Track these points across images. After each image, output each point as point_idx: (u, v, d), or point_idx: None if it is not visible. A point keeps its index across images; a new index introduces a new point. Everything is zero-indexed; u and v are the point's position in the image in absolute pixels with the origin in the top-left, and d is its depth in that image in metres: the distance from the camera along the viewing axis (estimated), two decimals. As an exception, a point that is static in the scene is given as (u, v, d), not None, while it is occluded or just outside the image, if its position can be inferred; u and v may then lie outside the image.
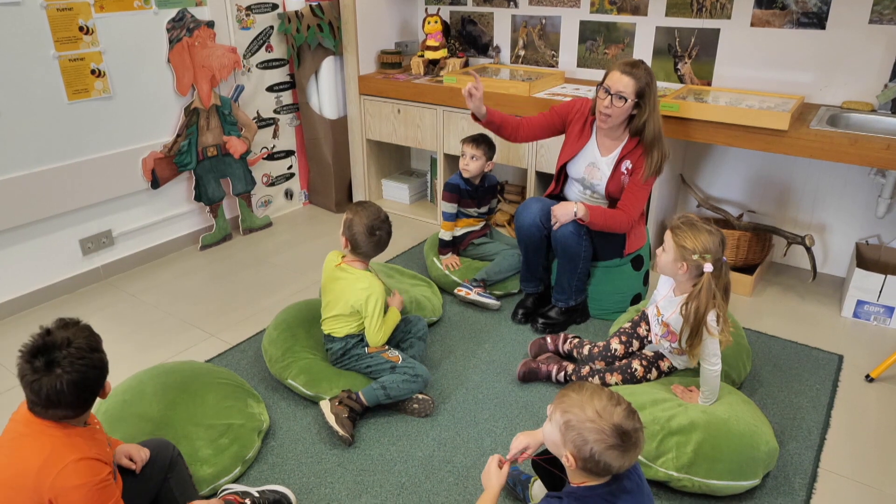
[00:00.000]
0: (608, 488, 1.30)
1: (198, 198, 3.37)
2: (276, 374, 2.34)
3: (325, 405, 2.13)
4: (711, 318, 1.92)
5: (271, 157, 3.77)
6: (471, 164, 2.85)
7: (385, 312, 2.27)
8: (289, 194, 3.96)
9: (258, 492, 1.80)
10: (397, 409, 2.21)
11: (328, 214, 3.95)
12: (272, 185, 3.82)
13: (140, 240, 3.24)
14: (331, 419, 2.08)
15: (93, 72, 2.84)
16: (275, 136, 3.75)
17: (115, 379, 2.21)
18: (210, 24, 3.20)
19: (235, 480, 1.93)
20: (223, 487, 1.84)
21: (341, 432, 2.04)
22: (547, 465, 1.60)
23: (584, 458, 1.27)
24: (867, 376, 2.37)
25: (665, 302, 2.10)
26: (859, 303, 2.72)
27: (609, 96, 2.40)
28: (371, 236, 2.17)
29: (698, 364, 2.15)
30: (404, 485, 1.92)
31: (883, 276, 2.63)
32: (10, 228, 2.73)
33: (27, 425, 1.42)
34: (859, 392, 2.31)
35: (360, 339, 2.27)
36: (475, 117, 2.59)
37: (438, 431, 2.13)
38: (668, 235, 2.01)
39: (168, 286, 3.08)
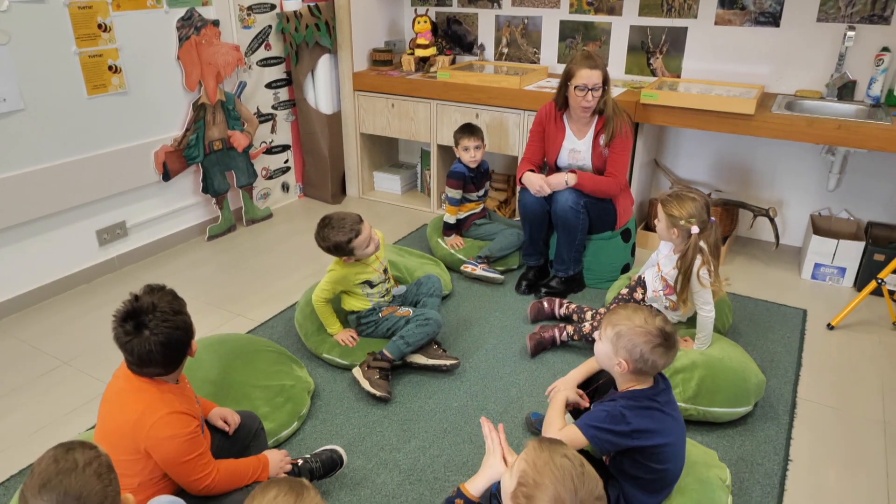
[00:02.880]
0: (652, 390, 1.57)
1: (205, 190, 3.51)
2: (311, 348, 2.53)
3: (357, 373, 2.34)
4: (704, 272, 2.24)
5: (269, 151, 3.93)
6: (477, 155, 3.11)
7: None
8: (285, 187, 4.12)
9: (311, 454, 1.90)
10: (431, 373, 2.42)
11: (323, 206, 4.13)
12: (270, 178, 3.98)
13: (152, 231, 3.36)
14: (365, 385, 2.28)
15: (110, 68, 2.97)
16: (273, 130, 3.91)
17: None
18: (216, 23, 3.35)
19: (293, 435, 2.13)
20: None
21: (379, 393, 2.25)
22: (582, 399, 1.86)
23: (636, 359, 1.53)
24: (828, 325, 2.74)
25: (665, 260, 2.41)
26: (816, 265, 3.11)
27: (588, 92, 2.71)
28: None
29: (687, 319, 2.48)
30: (447, 429, 2.15)
31: (836, 241, 3.01)
32: (33, 220, 2.83)
33: (127, 381, 1.58)
34: (823, 338, 2.67)
35: (371, 309, 2.48)
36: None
37: (468, 385, 2.37)
38: (658, 207, 2.33)
39: (185, 273, 3.21)
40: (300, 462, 1.83)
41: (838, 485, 1.94)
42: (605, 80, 2.74)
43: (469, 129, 3.12)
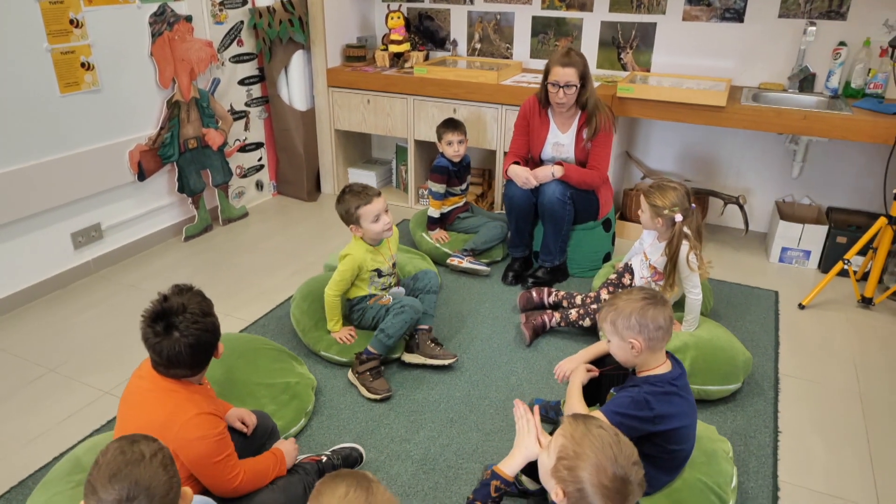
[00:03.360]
0: (671, 374, 1.64)
1: (181, 189, 3.43)
2: (308, 344, 2.52)
3: (351, 378, 2.35)
4: (692, 257, 2.35)
5: (243, 149, 3.87)
6: (460, 149, 3.16)
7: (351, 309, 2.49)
8: (259, 185, 4.06)
9: (331, 451, 1.94)
10: (433, 369, 2.44)
11: (299, 203, 4.09)
12: (244, 176, 3.92)
13: (127, 232, 3.27)
14: (363, 391, 2.29)
15: (83, 65, 2.87)
16: (246, 128, 3.85)
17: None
18: (188, 19, 3.28)
19: (300, 431, 2.13)
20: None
21: (378, 397, 2.26)
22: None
23: (638, 331, 1.59)
24: (800, 304, 2.90)
25: (651, 249, 2.50)
26: (783, 249, 3.28)
27: (560, 89, 2.79)
28: None
29: (674, 303, 2.58)
30: (453, 419, 2.19)
31: (802, 225, 3.19)
32: (6, 223, 2.72)
33: (152, 381, 1.56)
34: (796, 317, 2.83)
35: (364, 297, 2.49)
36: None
37: (469, 375, 2.41)
38: (642, 199, 2.42)
39: (164, 275, 3.14)
40: (323, 459, 1.84)
41: (825, 452, 2.07)
42: (583, 77, 2.81)
43: (452, 124, 3.16)
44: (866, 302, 2.87)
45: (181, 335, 1.47)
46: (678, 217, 2.33)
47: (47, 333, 2.66)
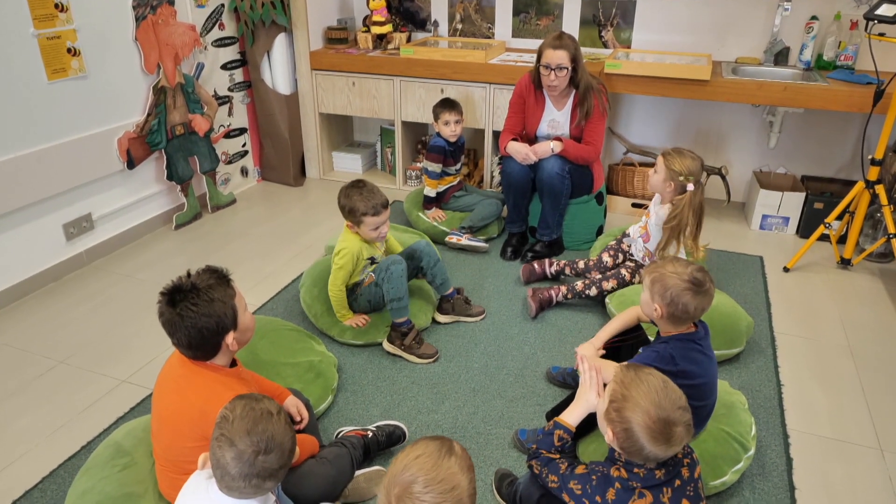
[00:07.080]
0: (696, 334, 1.73)
1: (170, 177, 3.37)
2: (322, 328, 2.53)
3: (394, 350, 2.40)
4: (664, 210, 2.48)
5: (227, 135, 3.81)
6: (457, 129, 3.19)
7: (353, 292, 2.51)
8: (244, 171, 4.02)
9: (375, 426, 1.98)
10: (447, 339, 2.52)
11: (285, 189, 4.06)
12: (230, 162, 3.87)
13: (118, 222, 3.20)
14: (413, 359, 2.37)
15: (69, 50, 2.79)
16: (230, 113, 3.80)
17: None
18: (171, 2, 3.21)
19: (328, 408, 2.16)
20: (338, 430, 2.01)
21: (430, 360, 2.38)
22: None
23: (668, 303, 1.67)
24: (784, 268, 3.06)
25: (653, 207, 2.61)
26: (764, 216, 3.44)
27: (551, 71, 2.85)
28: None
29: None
30: (475, 389, 2.25)
31: (781, 193, 3.35)
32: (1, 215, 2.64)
33: (183, 366, 1.55)
34: (782, 279, 2.99)
35: (357, 283, 2.52)
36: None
37: (484, 347, 2.48)
38: (659, 160, 2.51)
39: (160, 265, 3.09)
40: (369, 434, 1.88)
41: (826, 401, 2.21)
42: (575, 60, 2.87)
43: (449, 104, 3.19)
44: (845, 263, 3.05)
45: (178, 315, 1.45)
46: (690, 186, 2.43)
47: (49, 326, 2.60)
